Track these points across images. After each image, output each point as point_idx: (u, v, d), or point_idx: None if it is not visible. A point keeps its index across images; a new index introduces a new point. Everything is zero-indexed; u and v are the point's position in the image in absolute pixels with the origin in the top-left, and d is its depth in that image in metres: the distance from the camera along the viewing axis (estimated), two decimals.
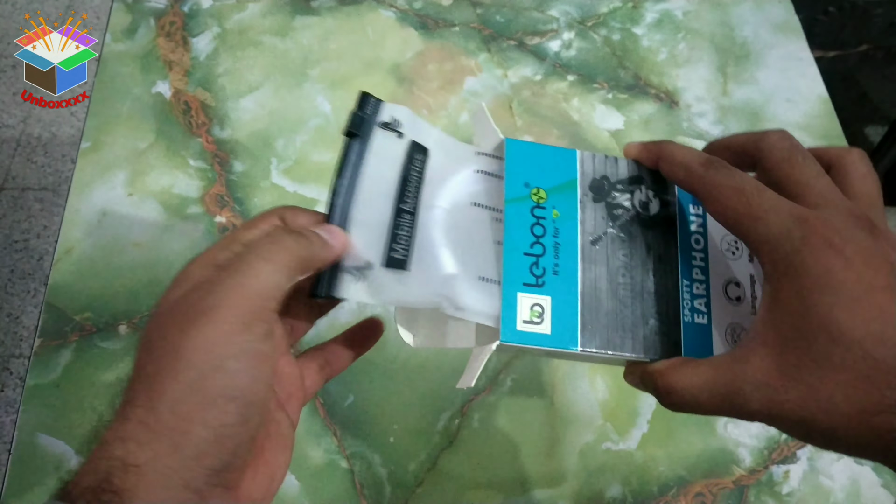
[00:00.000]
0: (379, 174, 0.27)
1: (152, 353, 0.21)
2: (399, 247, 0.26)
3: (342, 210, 0.26)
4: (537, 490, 0.44)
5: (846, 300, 0.19)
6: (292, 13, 0.64)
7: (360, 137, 0.27)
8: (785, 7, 0.68)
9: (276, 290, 0.22)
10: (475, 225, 0.27)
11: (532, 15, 0.66)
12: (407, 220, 0.26)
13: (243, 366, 0.21)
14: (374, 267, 0.25)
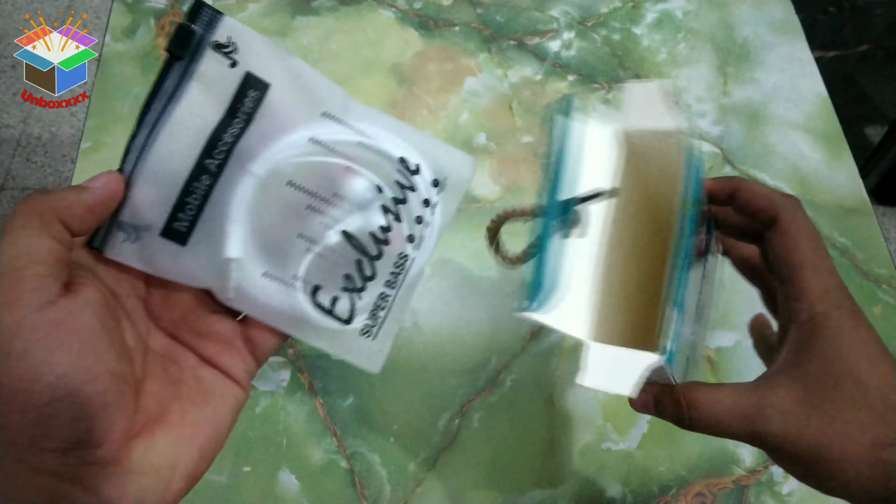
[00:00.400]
0: (194, 112, 0.22)
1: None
2: (184, 216, 0.22)
3: (136, 153, 0.21)
4: (537, 490, 0.44)
5: (869, 355, 0.24)
6: (292, 13, 0.64)
7: (182, 60, 0.21)
8: (785, 7, 0.68)
9: (32, 255, 0.20)
10: (283, 208, 0.24)
11: (532, 15, 0.66)
12: (205, 182, 0.22)
13: (33, 342, 0.19)
14: (151, 231, 0.22)
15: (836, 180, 0.58)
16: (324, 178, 0.24)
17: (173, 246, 0.23)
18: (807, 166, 0.58)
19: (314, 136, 0.24)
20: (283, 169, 0.23)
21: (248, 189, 0.23)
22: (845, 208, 0.56)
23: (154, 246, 0.22)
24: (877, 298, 0.52)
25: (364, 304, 0.25)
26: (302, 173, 0.23)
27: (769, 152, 0.59)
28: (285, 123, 0.23)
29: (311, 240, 0.24)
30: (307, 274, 0.24)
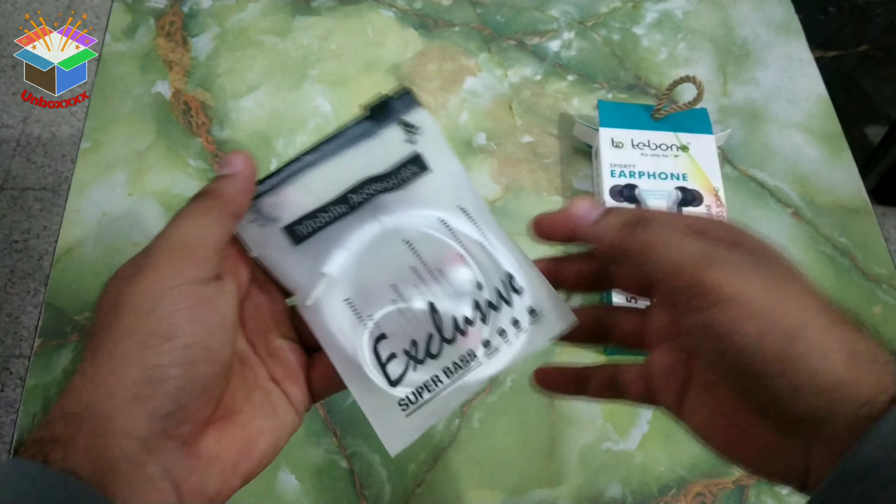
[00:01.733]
0: (363, 158, 0.26)
1: (98, 313, 0.22)
2: (309, 224, 0.26)
3: (300, 166, 0.26)
4: (537, 490, 0.44)
5: None
6: (292, 13, 0.64)
7: (374, 121, 0.27)
8: (785, 7, 0.68)
9: (213, 240, 0.23)
10: (390, 258, 0.26)
11: (532, 15, 0.66)
12: (340, 209, 0.26)
13: (180, 307, 0.21)
14: (277, 223, 0.25)
15: (836, 180, 0.58)
16: (436, 253, 0.26)
17: (287, 242, 0.25)
18: (807, 166, 0.58)
19: (445, 219, 0.27)
20: (406, 229, 0.26)
21: (370, 231, 0.26)
22: (845, 208, 0.56)
23: (272, 235, 0.25)
24: (877, 298, 0.52)
25: (416, 377, 0.26)
26: (420, 240, 0.26)
27: (769, 152, 0.59)
28: (426, 201, 0.27)
29: (400, 294, 0.26)
30: (381, 320, 0.26)
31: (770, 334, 0.20)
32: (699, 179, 0.52)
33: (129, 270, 0.22)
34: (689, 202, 0.51)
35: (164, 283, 0.21)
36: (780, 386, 0.20)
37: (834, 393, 0.19)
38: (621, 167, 0.52)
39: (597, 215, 0.25)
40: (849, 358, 0.20)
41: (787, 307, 0.21)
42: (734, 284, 0.21)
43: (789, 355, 0.20)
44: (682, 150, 0.53)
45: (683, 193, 0.51)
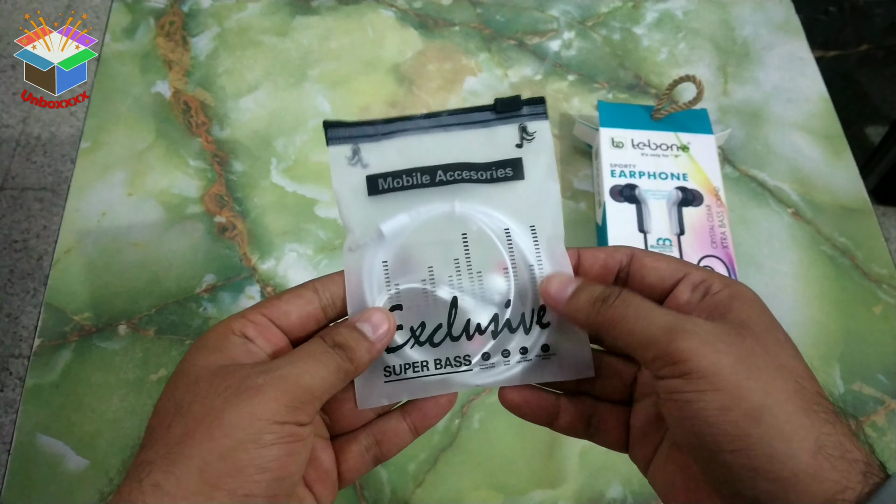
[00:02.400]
0: (464, 144, 0.27)
1: (184, 416, 0.21)
2: (389, 181, 0.27)
3: (409, 126, 0.27)
4: (537, 490, 0.44)
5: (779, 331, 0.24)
6: (292, 13, 0.64)
7: (496, 114, 0.27)
8: (785, 7, 0.68)
9: (326, 392, 0.23)
10: (441, 242, 0.27)
11: (532, 14, 0.66)
12: (422, 179, 0.27)
13: (281, 442, 0.21)
14: (364, 169, 0.27)
15: (836, 180, 0.58)
16: (484, 256, 0.27)
17: (364, 189, 0.27)
18: (807, 166, 0.58)
19: (511, 230, 0.27)
20: (469, 222, 0.27)
21: (438, 210, 0.27)
22: (845, 208, 0.56)
23: (355, 177, 0.27)
24: (877, 298, 0.52)
25: (410, 353, 0.27)
26: (476, 238, 0.27)
27: (769, 152, 0.59)
28: (504, 206, 0.27)
29: (432, 277, 0.27)
30: (404, 292, 0.27)
31: (733, 411, 0.20)
32: (699, 179, 0.52)
33: (234, 382, 0.22)
34: (689, 202, 0.51)
35: (274, 417, 0.21)
36: (737, 465, 0.19)
37: (793, 483, 0.19)
38: (621, 167, 0.52)
39: (570, 292, 0.25)
40: (815, 449, 0.19)
41: (756, 385, 0.20)
42: (702, 356, 0.21)
43: (749, 435, 0.19)
44: (683, 150, 0.53)
45: (684, 193, 0.51)
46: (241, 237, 0.52)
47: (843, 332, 0.50)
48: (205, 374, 0.22)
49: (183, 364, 0.23)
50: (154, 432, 0.21)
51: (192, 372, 0.23)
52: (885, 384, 0.48)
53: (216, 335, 0.24)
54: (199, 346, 0.24)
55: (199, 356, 0.23)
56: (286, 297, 0.25)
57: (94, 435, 0.43)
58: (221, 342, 0.24)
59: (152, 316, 0.48)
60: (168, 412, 0.22)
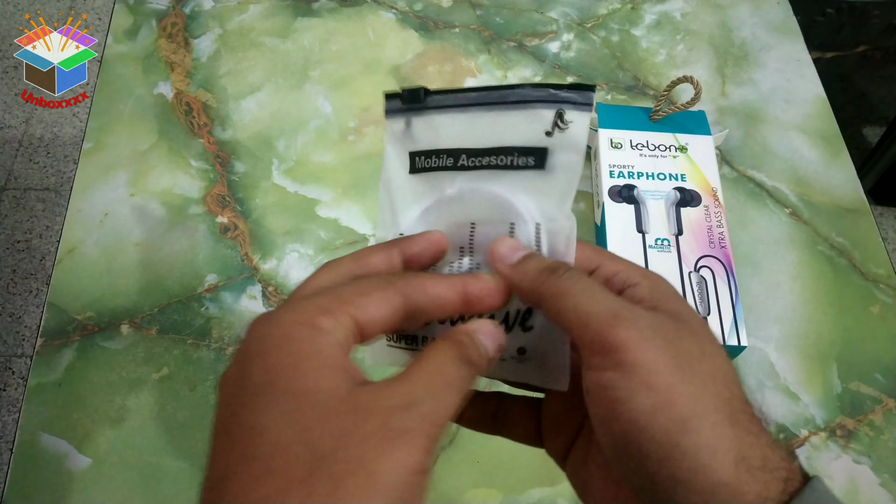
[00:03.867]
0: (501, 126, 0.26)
1: (328, 466, 0.17)
2: (423, 160, 0.26)
3: (460, 101, 0.25)
4: (536, 489, 0.44)
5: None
6: (293, 15, 0.65)
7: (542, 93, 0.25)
8: (783, 8, 0.69)
9: (454, 417, 0.20)
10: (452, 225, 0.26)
11: (532, 16, 0.66)
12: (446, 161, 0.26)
13: (424, 491, 0.18)
14: (412, 144, 0.26)
15: (833, 180, 0.58)
16: (485, 249, 0.25)
17: (407, 166, 0.26)
18: (805, 167, 0.59)
19: (515, 224, 0.26)
20: (479, 209, 0.26)
21: (455, 191, 0.26)
22: (843, 208, 0.57)
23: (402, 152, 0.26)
24: (875, 298, 0.52)
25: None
26: (482, 229, 0.26)
27: (767, 153, 0.59)
28: (517, 198, 0.26)
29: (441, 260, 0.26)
30: None
31: (662, 415, 0.19)
32: (697, 180, 0.52)
33: (372, 418, 0.18)
34: (687, 202, 0.51)
35: (420, 466, 0.17)
36: (660, 475, 0.19)
37: (713, 495, 0.18)
38: (620, 168, 0.52)
39: (517, 258, 0.24)
40: (737, 461, 0.18)
41: (688, 391, 0.19)
42: (641, 350, 0.19)
43: (677, 445, 0.19)
44: (681, 151, 0.53)
45: (682, 194, 0.51)
46: (242, 237, 0.52)
47: (841, 331, 0.51)
48: (338, 403, 0.18)
49: (279, 375, 0.18)
50: (271, 472, 0.17)
51: (311, 396, 0.18)
52: (882, 383, 0.49)
53: (304, 336, 0.19)
54: (292, 349, 0.19)
55: (304, 368, 0.18)
56: (375, 300, 0.21)
57: (96, 434, 0.44)
58: (318, 350, 0.19)
59: (154, 315, 0.48)
60: (296, 454, 0.17)
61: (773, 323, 0.50)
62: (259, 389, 0.18)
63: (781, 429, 0.47)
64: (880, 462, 0.46)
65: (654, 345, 0.20)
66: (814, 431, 0.47)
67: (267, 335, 0.19)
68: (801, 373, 0.49)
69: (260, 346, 0.19)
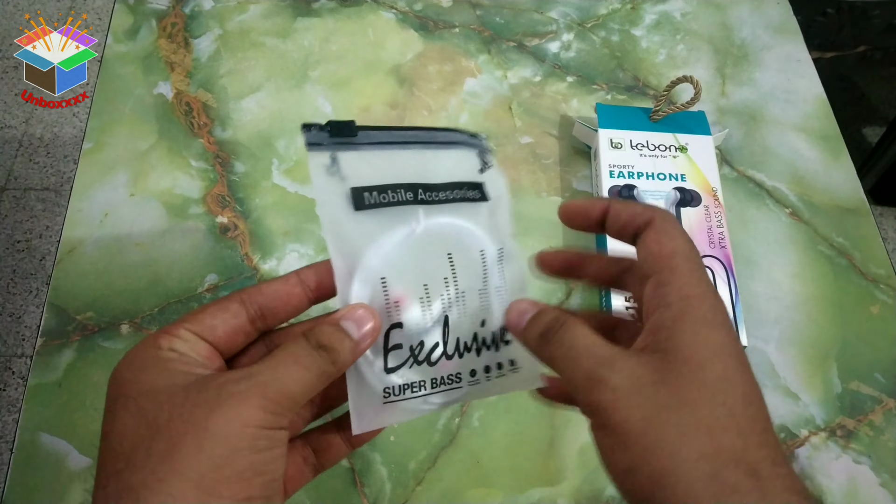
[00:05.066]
0: (448, 162, 0.28)
1: (163, 434, 0.20)
2: (375, 196, 0.25)
3: (392, 138, 0.26)
4: (537, 488, 0.44)
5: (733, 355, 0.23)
6: (293, 15, 0.65)
7: (467, 137, 0.28)
8: (783, 8, 0.69)
9: (306, 396, 0.23)
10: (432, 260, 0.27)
11: (532, 16, 0.66)
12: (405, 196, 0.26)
13: (273, 446, 0.21)
14: (345, 181, 0.25)
15: (834, 180, 0.58)
16: (467, 276, 0.27)
17: (349, 204, 0.25)
18: (805, 167, 0.59)
19: (485, 252, 0.27)
20: (452, 243, 0.27)
21: (423, 227, 0.26)
22: (843, 208, 0.57)
23: (337, 190, 0.25)
24: (875, 298, 0.52)
25: (408, 374, 0.26)
26: (461, 260, 0.27)
27: (767, 153, 0.59)
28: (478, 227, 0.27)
29: (427, 295, 0.26)
30: (405, 310, 0.26)
31: (638, 472, 0.19)
32: (697, 180, 0.52)
33: (213, 391, 0.21)
34: (687, 203, 0.51)
35: (260, 422, 0.21)
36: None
37: None
38: (620, 168, 0.52)
39: (524, 323, 0.25)
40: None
41: (664, 446, 0.19)
42: (616, 412, 0.20)
43: (652, 498, 0.19)
44: (681, 151, 0.53)
45: (682, 194, 0.51)
46: (242, 237, 0.52)
47: (841, 331, 0.51)
48: (173, 390, 0.21)
49: (126, 387, 0.22)
50: (125, 458, 0.20)
51: (150, 393, 0.21)
52: (882, 383, 0.49)
53: (146, 355, 0.23)
54: (136, 367, 0.22)
55: (145, 376, 0.22)
56: (210, 311, 0.24)
57: (96, 434, 0.43)
58: (157, 361, 0.22)
59: (154, 315, 0.48)
60: (140, 436, 0.20)
61: (773, 323, 0.51)
62: (113, 403, 0.22)
63: (781, 429, 0.47)
64: (880, 462, 0.46)
65: (627, 403, 0.20)
66: (814, 431, 0.47)
67: (119, 366, 0.23)
68: (801, 373, 0.49)
69: (115, 374, 0.23)
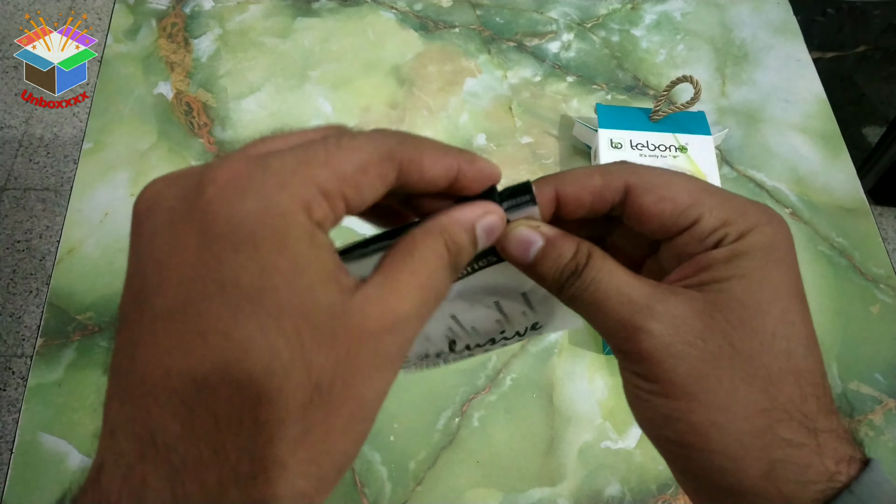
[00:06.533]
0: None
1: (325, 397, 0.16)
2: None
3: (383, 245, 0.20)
4: (536, 488, 0.44)
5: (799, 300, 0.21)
6: (293, 15, 0.65)
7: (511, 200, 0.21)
8: (783, 8, 0.69)
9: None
10: (433, 322, 0.25)
11: (531, 16, 0.66)
12: None
13: None
14: None
15: (833, 180, 0.58)
16: (477, 323, 0.25)
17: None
18: (805, 167, 0.59)
19: (500, 302, 0.25)
20: (458, 311, 0.24)
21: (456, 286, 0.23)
22: (843, 208, 0.57)
23: None
24: (874, 298, 0.52)
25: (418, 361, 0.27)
26: (466, 319, 0.25)
27: (767, 153, 0.59)
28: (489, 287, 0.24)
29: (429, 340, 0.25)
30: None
31: (680, 422, 0.19)
32: None
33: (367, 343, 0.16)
34: None
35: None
36: (682, 463, 0.19)
37: (739, 498, 0.18)
38: None
39: (533, 256, 0.20)
40: (766, 470, 0.18)
41: (711, 399, 0.18)
42: (658, 362, 0.19)
43: (693, 446, 0.18)
44: (681, 151, 0.53)
45: None
46: None
47: (841, 331, 0.51)
48: (335, 326, 0.16)
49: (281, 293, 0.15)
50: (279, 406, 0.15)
51: (311, 317, 0.15)
52: (882, 383, 0.49)
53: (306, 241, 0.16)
54: (292, 258, 0.15)
55: (307, 288, 0.15)
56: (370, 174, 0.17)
57: (96, 434, 0.44)
58: (321, 255, 0.16)
59: None
60: (300, 384, 0.15)
61: None
62: (253, 296, 0.15)
63: None
64: (880, 462, 0.46)
65: (670, 353, 0.18)
66: None
67: (254, 219, 0.15)
68: None
69: (246, 233, 0.15)
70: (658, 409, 0.19)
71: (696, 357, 0.18)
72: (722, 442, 0.18)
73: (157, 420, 0.15)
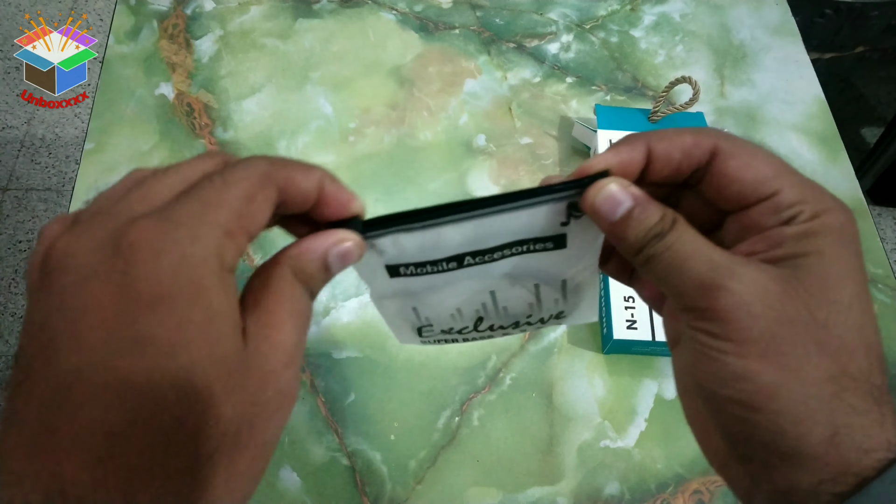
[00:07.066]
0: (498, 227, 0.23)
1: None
2: (411, 269, 0.24)
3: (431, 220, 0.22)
4: (536, 487, 0.44)
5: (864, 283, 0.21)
6: (294, 16, 0.65)
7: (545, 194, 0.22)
8: (782, 9, 0.69)
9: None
10: (470, 294, 0.26)
11: (531, 18, 0.67)
12: (448, 266, 0.24)
13: None
14: (381, 256, 0.23)
15: (832, 181, 0.58)
16: (510, 302, 0.26)
17: (385, 273, 0.24)
18: (803, 167, 0.59)
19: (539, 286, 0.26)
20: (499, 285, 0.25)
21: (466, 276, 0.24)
22: None
23: (374, 262, 0.24)
24: (873, 298, 0.52)
25: (439, 337, 0.29)
26: (503, 295, 0.26)
27: None
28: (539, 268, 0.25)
29: (460, 313, 0.27)
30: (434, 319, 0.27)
31: (749, 382, 0.19)
32: None
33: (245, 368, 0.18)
34: None
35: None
36: (752, 426, 0.19)
37: (798, 463, 0.18)
38: None
39: (620, 215, 0.21)
40: (829, 436, 0.18)
41: (783, 362, 0.18)
42: (738, 319, 0.19)
43: (759, 409, 0.19)
44: None
45: None
46: None
47: None
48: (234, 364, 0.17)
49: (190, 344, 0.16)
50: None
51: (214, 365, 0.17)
52: None
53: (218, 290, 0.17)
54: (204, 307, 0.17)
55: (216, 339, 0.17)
56: (258, 202, 0.19)
57: None
58: (231, 305, 0.18)
59: None
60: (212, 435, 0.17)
61: None
62: (168, 351, 0.16)
63: None
64: None
65: (749, 312, 0.19)
66: None
67: (171, 274, 0.16)
68: None
69: (164, 290, 0.16)
70: (727, 368, 0.19)
71: (773, 319, 0.19)
72: (790, 404, 0.18)
73: (67, 471, 0.15)
